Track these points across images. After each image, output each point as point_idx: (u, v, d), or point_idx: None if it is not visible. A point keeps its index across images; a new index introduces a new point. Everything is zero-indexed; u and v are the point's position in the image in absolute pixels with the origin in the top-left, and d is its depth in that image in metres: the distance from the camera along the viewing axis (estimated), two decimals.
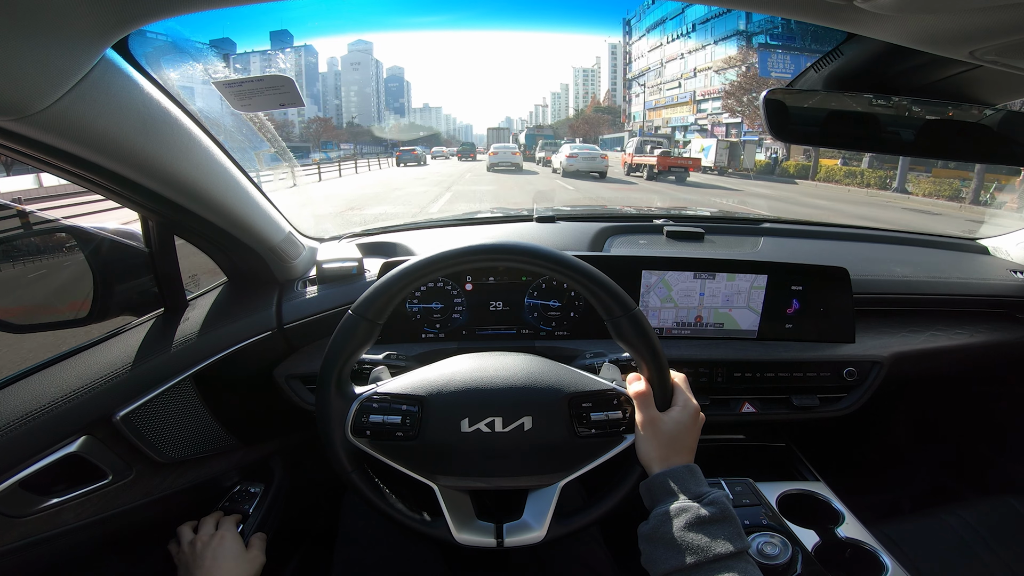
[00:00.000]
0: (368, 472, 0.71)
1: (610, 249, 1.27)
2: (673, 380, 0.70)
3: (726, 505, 0.60)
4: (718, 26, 36.90)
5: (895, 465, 1.65)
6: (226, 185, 0.84)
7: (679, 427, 0.67)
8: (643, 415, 0.67)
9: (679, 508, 0.59)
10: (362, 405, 0.68)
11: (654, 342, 0.67)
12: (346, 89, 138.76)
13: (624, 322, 0.67)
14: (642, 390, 0.68)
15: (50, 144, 0.59)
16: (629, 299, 0.67)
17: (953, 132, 0.77)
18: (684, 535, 0.57)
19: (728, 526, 0.58)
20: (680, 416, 0.67)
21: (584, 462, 0.69)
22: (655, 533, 0.59)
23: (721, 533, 0.57)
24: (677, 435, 0.66)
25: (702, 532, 0.57)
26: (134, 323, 0.95)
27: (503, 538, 0.69)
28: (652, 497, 0.64)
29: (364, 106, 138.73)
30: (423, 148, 35.61)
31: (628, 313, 0.66)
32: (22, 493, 0.74)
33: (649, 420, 0.67)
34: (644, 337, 0.67)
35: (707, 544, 0.56)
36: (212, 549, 0.86)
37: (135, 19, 0.50)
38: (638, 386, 0.69)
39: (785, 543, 0.81)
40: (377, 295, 0.67)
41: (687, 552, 0.56)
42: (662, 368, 0.68)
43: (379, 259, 1.11)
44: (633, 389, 0.69)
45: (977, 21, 0.48)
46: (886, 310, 1.22)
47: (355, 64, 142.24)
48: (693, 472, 0.64)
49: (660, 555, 0.58)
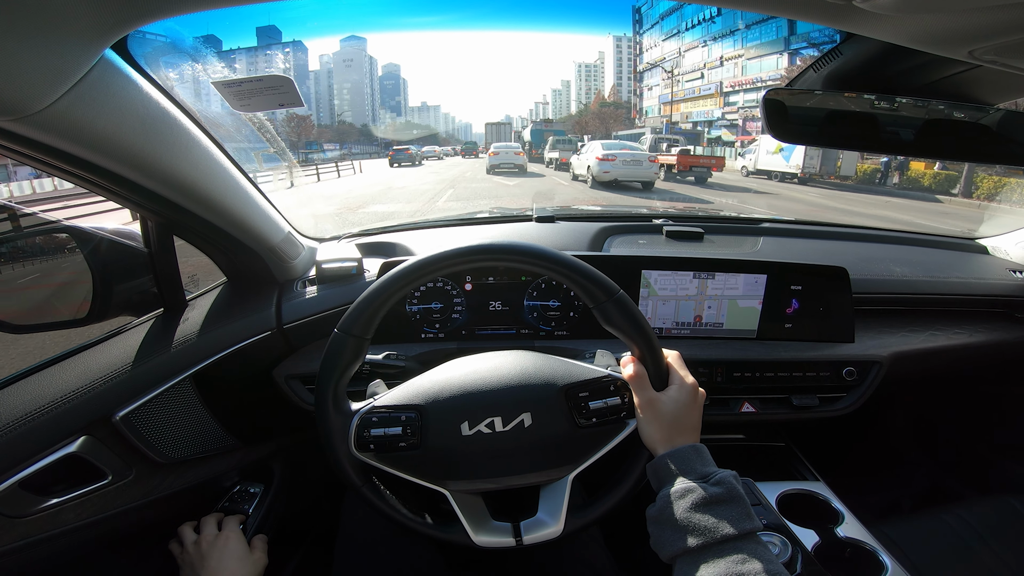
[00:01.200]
0: (378, 484, 0.71)
1: (610, 249, 1.27)
2: (667, 359, 0.69)
3: (733, 485, 0.58)
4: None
5: (895, 465, 1.65)
6: (225, 185, 0.84)
7: (679, 406, 0.65)
8: (640, 397, 0.66)
9: (685, 489, 0.58)
10: (362, 420, 0.68)
11: (642, 323, 0.67)
12: (339, 87, 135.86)
13: (610, 307, 0.66)
14: (636, 372, 0.67)
15: (49, 144, 0.59)
16: (612, 283, 0.67)
17: (952, 132, 0.77)
18: (691, 516, 0.56)
19: (736, 506, 0.56)
20: (678, 395, 0.66)
21: (590, 452, 0.69)
22: (661, 515, 0.58)
23: (728, 514, 0.55)
24: (678, 414, 0.65)
25: (709, 513, 0.55)
26: (134, 323, 0.95)
27: (521, 536, 0.69)
28: (658, 479, 0.62)
29: (358, 104, 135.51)
30: (417, 147, 32.79)
31: (612, 297, 0.66)
32: (22, 493, 0.74)
33: (647, 402, 0.66)
34: (632, 319, 0.67)
35: (714, 525, 0.54)
36: (217, 549, 0.86)
37: (134, 19, 0.50)
38: (632, 368, 0.68)
39: (785, 543, 0.81)
40: (360, 311, 0.67)
41: (694, 533, 0.55)
42: (653, 348, 0.68)
43: (378, 259, 1.11)
44: (627, 372, 0.68)
45: (976, 21, 0.48)
46: (886, 310, 1.22)
47: (348, 61, 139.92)
48: (699, 452, 0.63)
49: (668, 537, 0.57)
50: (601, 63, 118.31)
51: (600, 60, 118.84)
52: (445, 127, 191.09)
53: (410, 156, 26.87)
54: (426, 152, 35.03)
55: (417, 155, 28.38)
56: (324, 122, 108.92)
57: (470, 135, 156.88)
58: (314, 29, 67.78)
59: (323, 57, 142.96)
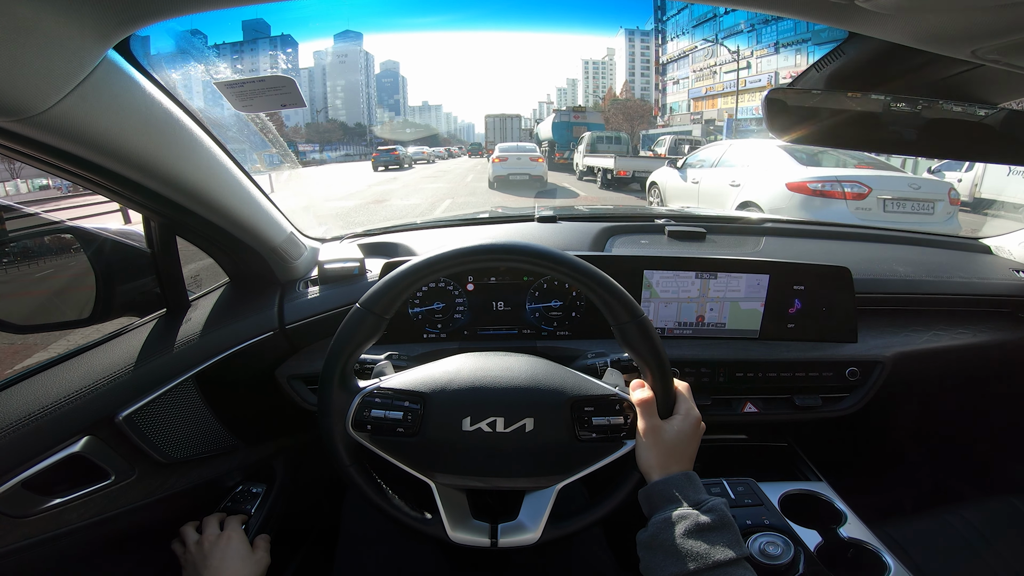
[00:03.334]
0: (366, 467, 0.71)
1: (612, 249, 1.27)
2: (676, 388, 0.70)
3: (725, 512, 0.60)
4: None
5: (897, 465, 1.65)
6: (228, 186, 0.85)
7: (680, 436, 0.67)
8: (645, 423, 0.67)
9: (679, 515, 0.59)
10: (364, 399, 0.68)
11: (660, 350, 0.67)
12: (332, 83, 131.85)
13: (631, 328, 0.67)
14: (646, 397, 0.68)
15: (52, 145, 0.59)
16: (636, 305, 0.67)
17: (955, 131, 0.77)
18: (684, 542, 0.57)
19: (727, 533, 0.58)
20: (682, 425, 0.67)
21: (582, 466, 0.69)
22: (654, 540, 0.59)
23: (720, 540, 0.57)
24: (678, 444, 0.66)
25: (701, 539, 0.57)
26: (136, 323, 0.95)
27: (497, 538, 0.69)
28: (651, 504, 0.64)
29: (352, 102, 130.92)
30: (404, 148, 26.48)
31: (636, 320, 0.66)
32: (25, 493, 0.74)
33: (651, 428, 0.67)
34: (650, 344, 0.67)
35: (706, 551, 0.56)
36: (220, 549, 0.87)
37: (136, 20, 0.50)
38: (641, 393, 0.69)
39: (787, 543, 0.81)
40: (386, 290, 0.67)
41: (687, 559, 0.56)
42: (666, 376, 0.68)
43: (381, 259, 1.11)
44: (636, 396, 0.69)
45: (979, 20, 0.48)
46: (888, 310, 1.22)
47: (342, 57, 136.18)
48: (692, 479, 0.64)
49: (659, 562, 0.58)
50: (610, 60, 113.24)
51: (608, 57, 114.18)
52: (447, 127, 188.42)
53: (397, 158, 22.65)
54: (414, 154, 29.40)
55: (405, 158, 24.11)
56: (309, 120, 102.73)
57: (472, 136, 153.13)
58: (315, 30, 67.21)
59: (317, 53, 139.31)
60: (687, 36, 40.43)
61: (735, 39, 35.19)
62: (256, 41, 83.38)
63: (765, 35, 32.42)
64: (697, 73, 38.86)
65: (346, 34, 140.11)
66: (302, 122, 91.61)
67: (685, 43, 41.10)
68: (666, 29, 46.31)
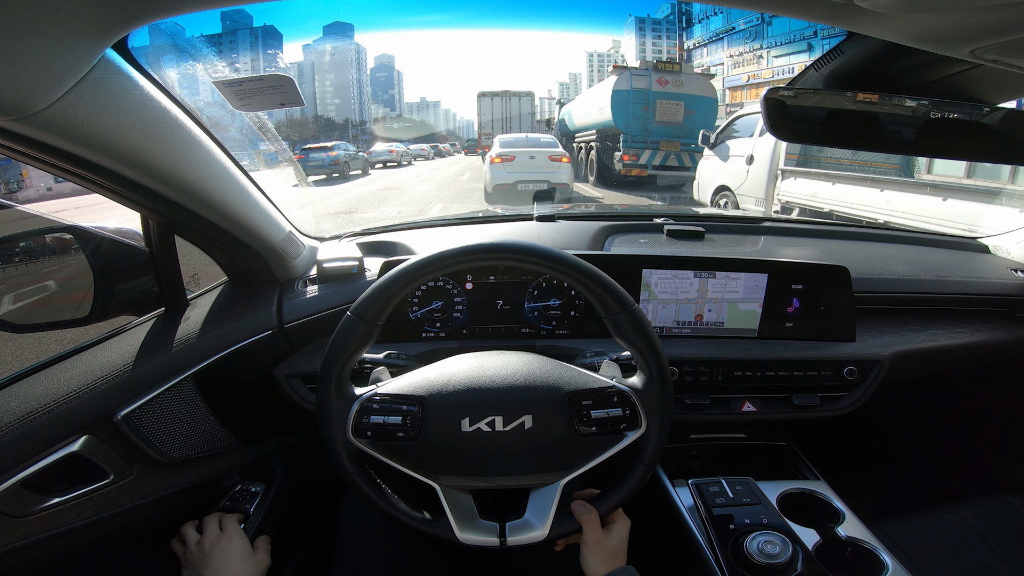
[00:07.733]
0: (370, 472, 0.71)
1: (610, 248, 1.27)
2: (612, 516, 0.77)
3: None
4: None
5: (896, 464, 1.65)
6: (226, 184, 0.84)
7: (621, 539, 0.76)
8: (591, 536, 0.73)
9: None
10: (362, 406, 0.68)
11: (653, 338, 0.67)
12: (320, 78, 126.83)
13: (622, 319, 0.67)
14: (591, 516, 0.73)
15: (50, 144, 0.59)
16: (627, 296, 0.67)
17: (953, 131, 0.77)
18: None
19: None
20: (621, 528, 0.77)
21: (585, 460, 0.69)
22: None
23: None
24: (620, 546, 0.76)
25: None
26: (135, 322, 0.95)
27: (506, 537, 0.69)
28: None
29: (343, 97, 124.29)
30: (343, 148, 15.02)
31: (627, 310, 0.66)
32: (23, 493, 0.74)
33: (597, 540, 0.74)
34: (643, 334, 0.67)
35: None
36: (221, 549, 0.86)
37: (135, 18, 0.50)
38: (586, 511, 0.73)
39: (785, 542, 0.81)
40: (376, 296, 0.67)
41: None
42: (661, 364, 0.68)
43: (379, 258, 1.11)
44: (579, 513, 0.73)
45: (978, 20, 0.48)
46: (887, 309, 1.22)
47: (331, 49, 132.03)
48: (631, 572, 0.73)
49: None
50: (617, 51, 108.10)
51: (615, 48, 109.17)
52: (446, 124, 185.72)
53: (335, 161, 13.77)
54: (377, 155, 18.96)
55: (346, 161, 14.25)
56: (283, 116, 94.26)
57: (471, 133, 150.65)
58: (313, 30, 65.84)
59: (305, 46, 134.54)
60: (720, 16, 33.11)
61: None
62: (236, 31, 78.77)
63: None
64: (734, 58, 31.55)
65: (336, 24, 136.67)
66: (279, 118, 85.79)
67: (719, 23, 33.53)
68: (691, 10, 39.59)
